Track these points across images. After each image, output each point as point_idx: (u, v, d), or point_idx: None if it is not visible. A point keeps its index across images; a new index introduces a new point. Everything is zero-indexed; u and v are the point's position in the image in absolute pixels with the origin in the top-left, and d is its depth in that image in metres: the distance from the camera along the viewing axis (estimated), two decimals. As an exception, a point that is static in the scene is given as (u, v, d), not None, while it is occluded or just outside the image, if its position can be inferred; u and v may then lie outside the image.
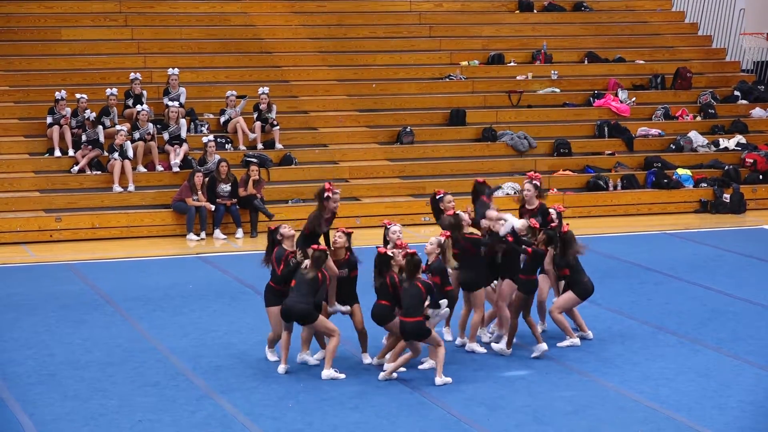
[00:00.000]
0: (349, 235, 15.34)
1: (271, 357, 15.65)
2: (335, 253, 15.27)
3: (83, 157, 25.23)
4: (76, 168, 25.12)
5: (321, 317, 15.00)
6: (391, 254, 14.90)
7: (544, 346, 15.65)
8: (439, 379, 14.53)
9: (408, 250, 14.73)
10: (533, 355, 15.58)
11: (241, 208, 24.56)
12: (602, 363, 15.21)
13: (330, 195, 15.95)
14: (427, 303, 14.53)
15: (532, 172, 18.01)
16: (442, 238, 15.29)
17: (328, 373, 14.77)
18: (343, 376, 14.73)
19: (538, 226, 15.85)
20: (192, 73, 28.21)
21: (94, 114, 25.48)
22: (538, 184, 17.35)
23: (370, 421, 13.27)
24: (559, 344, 16.06)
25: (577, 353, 16.10)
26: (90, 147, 25.32)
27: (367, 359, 15.52)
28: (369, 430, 13.04)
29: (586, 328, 16.51)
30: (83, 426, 13.40)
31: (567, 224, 16.46)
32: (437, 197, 16.64)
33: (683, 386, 14.63)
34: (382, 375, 14.79)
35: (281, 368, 15.05)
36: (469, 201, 17.00)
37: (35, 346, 16.52)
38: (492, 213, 15.99)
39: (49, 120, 25.79)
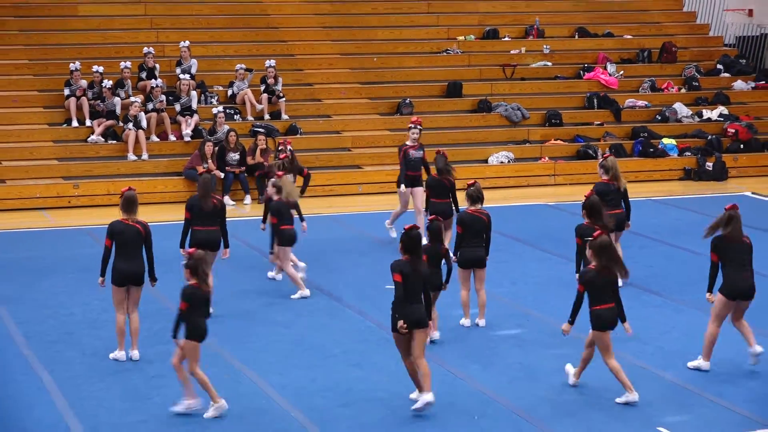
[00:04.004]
0: None
1: None
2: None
3: (99, 125, 25.25)
4: (92, 137, 25.14)
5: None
6: None
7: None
8: None
9: None
10: None
11: (248, 176, 24.57)
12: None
13: (283, 147, 18.33)
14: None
15: (416, 118, 20.66)
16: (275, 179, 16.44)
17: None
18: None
19: None
20: (202, 47, 28.16)
21: (111, 82, 25.51)
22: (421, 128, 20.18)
23: (370, 377, 13.34)
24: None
25: (565, 315, 16.13)
26: (106, 120, 25.36)
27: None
28: (369, 385, 13.11)
29: None
30: (99, 381, 13.47)
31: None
32: None
33: (668, 345, 14.68)
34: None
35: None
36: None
37: (55, 306, 16.57)
38: None
39: (66, 92, 25.79)
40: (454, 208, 18.38)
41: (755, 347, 13.77)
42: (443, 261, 14.30)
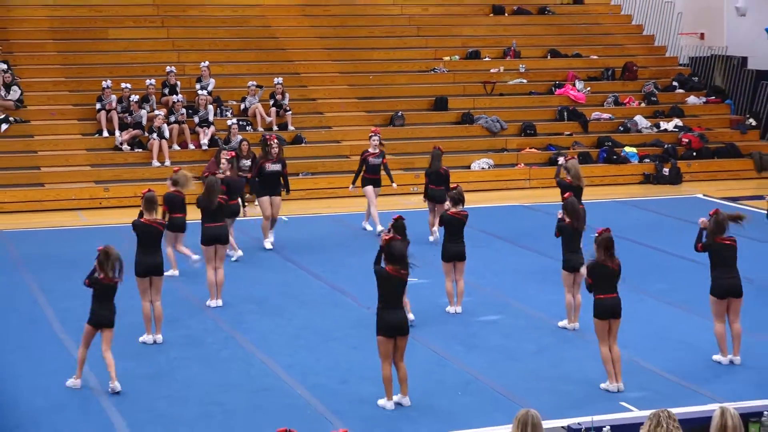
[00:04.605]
0: None
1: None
2: None
3: (127, 135, 25.28)
4: (119, 140, 25.17)
5: None
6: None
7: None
8: None
9: None
10: None
11: (259, 180, 24.57)
12: (561, 310, 15.22)
13: (270, 143, 19.42)
14: None
15: (375, 128, 21.66)
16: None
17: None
18: None
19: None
20: (218, 66, 28.13)
21: (137, 97, 25.55)
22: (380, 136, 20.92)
23: (367, 358, 13.32)
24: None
25: (540, 303, 16.16)
26: (132, 130, 25.40)
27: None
28: (366, 365, 13.10)
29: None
30: (129, 362, 13.47)
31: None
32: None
33: (630, 328, 14.65)
34: None
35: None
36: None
37: (87, 296, 16.44)
38: None
39: (97, 106, 25.77)
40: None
41: (735, 357, 13.45)
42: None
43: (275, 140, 19.86)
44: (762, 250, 18.92)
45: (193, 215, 17.21)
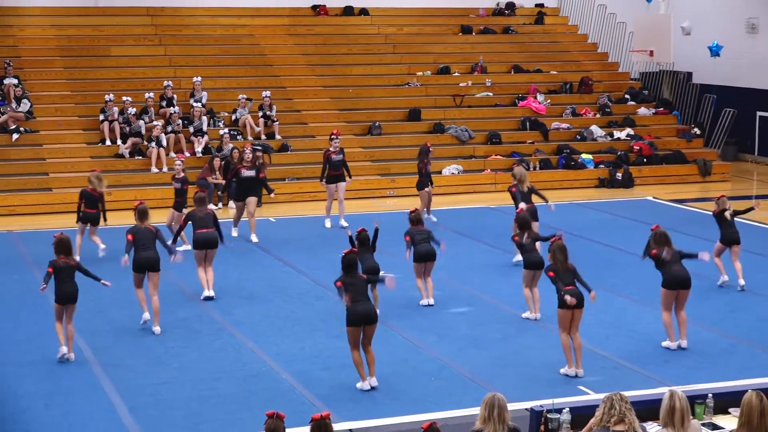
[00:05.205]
0: None
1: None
2: None
3: (127, 144, 25.17)
4: (121, 150, 25.03)
5: None
6: None
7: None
8: None
9: None
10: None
11: (249, 185, 24.44)
12: (523, 302, 15.23)
13: (245, 149, 19.94)
14: None
15: (336, 130, 21.76)
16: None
17: None
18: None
19: None
20: (211, 81, 28.05)
21: (135, 109, 25.47)
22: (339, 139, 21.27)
23: (347, 347, 13.27)
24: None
25: (505, 296, 16.15)
26: (133, 138, 25.28)
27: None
28: (346, 353, 13.04)
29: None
30: (127, 351, 13.41)
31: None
32: None
33: (586, 319, 14.65)
34: None
35: None
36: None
37: (91, 291, 16.36)
38: None
39: (101, 117, 25.65)
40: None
41: (682, 342, 13.53)
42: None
43: (249, 147, 20.09)
44: (708, 248, 18.99)
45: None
